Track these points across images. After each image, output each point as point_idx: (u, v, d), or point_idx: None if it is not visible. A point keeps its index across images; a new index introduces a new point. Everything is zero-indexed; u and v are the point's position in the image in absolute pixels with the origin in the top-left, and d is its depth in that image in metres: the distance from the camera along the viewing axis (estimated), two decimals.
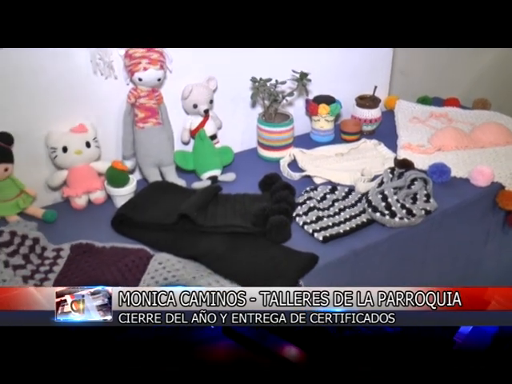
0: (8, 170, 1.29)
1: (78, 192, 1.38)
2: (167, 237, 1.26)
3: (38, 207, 1.37)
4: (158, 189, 1.43)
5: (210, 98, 1.52)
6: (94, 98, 1.39)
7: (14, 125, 1.31)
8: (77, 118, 1.38)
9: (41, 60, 1.27)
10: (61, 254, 1.20)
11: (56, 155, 1.35)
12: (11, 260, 1.13)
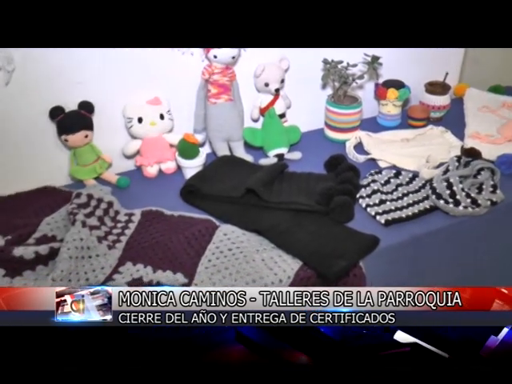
0: (88, 136, 1.33)
1: (150, 161, 1.41)
2: (233, 209, 1.27)
3: (112, 173, 1.41)
4: (226, 163, 1.44)
5: (282, 77, 1.51)
6: (170, 73, 1.40)
7: (95, 95, 1.34)
8: (153, 91, 1.40)
9: None
10: (132, 219, 1.24)
11: (132, 125, 1.38)
12: (88, 220, 1.17)
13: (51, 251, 1.09)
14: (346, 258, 1.10)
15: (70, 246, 1.08)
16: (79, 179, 1.37)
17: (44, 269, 1.08)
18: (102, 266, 1.10)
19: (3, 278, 1.05)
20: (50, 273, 1.06)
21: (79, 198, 1.23)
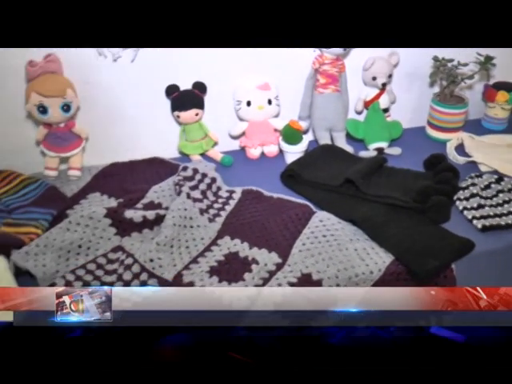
0: (198, 114, 1.37)
1: (254, 143, 1.42)
2: (330, 197, 1.26)
3: (217, 151, 1.44)
4: (327, 151, 1.43)
5: (390, 72, 1.47)
6: (281, 60, 1.40)
7: (208, 77, 1.37)
8: (263, 76, 1.41)
9: None
10: (233, 196, 1.26)
11: (240, 108, 1.40)
12: (192, 193, 1.20)
13: (157, 217, 1.13)
14: (439, 259, 1.06)
15: (174, 215, 1.11)
16: (186, 154, 1.42)
17: (149, 232, 1.12)
18: (202, 236, 1.13)
19: (114, 236, 1.10)
20: (154, 237, 1.10)
21: (185, 171, 1.27)
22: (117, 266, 1.04)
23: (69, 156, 1.31)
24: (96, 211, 1.12)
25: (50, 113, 1.22)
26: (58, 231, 1.08)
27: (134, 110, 1.36)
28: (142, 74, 1.32)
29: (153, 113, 1.39)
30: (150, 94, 1.35)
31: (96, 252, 1.08)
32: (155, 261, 1.03)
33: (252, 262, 1.05)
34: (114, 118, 1.36)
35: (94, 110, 1.34)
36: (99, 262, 1.06)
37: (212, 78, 1.37)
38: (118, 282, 1.01)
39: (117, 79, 1.31)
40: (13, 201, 1.19)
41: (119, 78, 1.31)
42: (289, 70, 1.43)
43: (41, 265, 1.02)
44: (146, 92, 1.35)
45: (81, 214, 1.12)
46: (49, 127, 1.27)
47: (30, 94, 1.20)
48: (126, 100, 1.34)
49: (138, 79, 1.32)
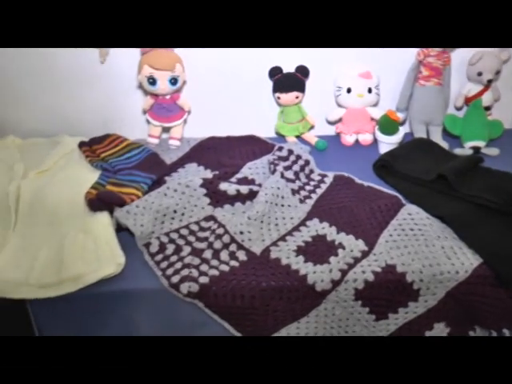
0: (298, 97, 1.36)
1: (350, 130, 1.40)
2: (421, 191, 1.21)
3: (313, 135, 1.42)
4: (421, 145, 1.38)
5: (498, 68, 1.38)
6: (384, 49, 1.36)
7: (311, 61, 1.35)
8: (366, 64, 1.37)
9: None
10: (324, 180, 1.24)
11: (340, 94, 1.38)
12: (285, 173, 1.20)
13: (250, 192, 1.14)
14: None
15: (267, 192, 1.12)
16: (282, 135, 1.41)
17: (241, 206, 1.14)
18: (292, 216, 1.13)
19: (208, 205, 1.13)
20: (245, 211, 1.11)
21: (281, 152, 1.27)
22: (208, 234, 1.07)
23: (171, 126, 1.35)
24: (193, 180, 1.14)
25: (158, 84, 1.25)
26: (157, 195, 1.12)
27: (237, 88, 1.37)
28: (248, 55, 1.32)
29: (254, 92, 1.39)
30: (254, 74, 1.35)
31: (189, 219, 1.11)
32: (245, 234, 1.05)
33: (338, 247, 1.03)
34: (216, 94, 1.39)
35: (199, 86, 1.36)
36: (192, 228, 1.09)
37: (315, 62, 1.35)
38: (208, 249, 1.03)
39: (224, 58, 1.32)
40: (118, 163, 1.24)
41: (226, 57, 1.32)
42: (391, 59, 1.38)
43: (139, 224, 1.06)
44: (250, 72, 1.36)
45: (178, 181, 1.15)
46: (155, 98, 1.31)
47: (142, 66, 1.24)
48: (231, 78, 1.36)
49: (243, 59, 1.33)
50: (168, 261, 1.01)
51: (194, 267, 0.99)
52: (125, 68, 1.30)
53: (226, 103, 1.39)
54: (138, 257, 1.03)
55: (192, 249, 1.03)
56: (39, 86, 1.35)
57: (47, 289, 0.96)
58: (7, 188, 1.16)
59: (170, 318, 1.02)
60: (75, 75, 1.33)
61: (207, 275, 0.97)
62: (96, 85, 1.35)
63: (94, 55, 1.29)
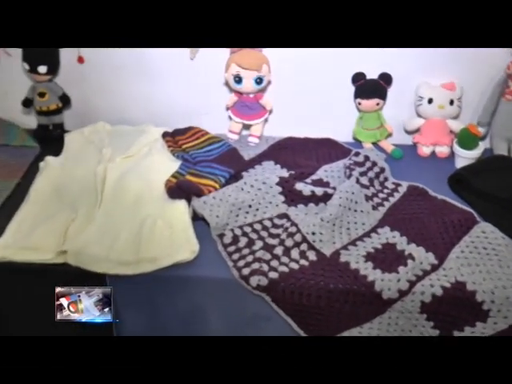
0: (379, 104, 1.34)
1: (428, 141, 1.36)
2: (498, 210, 1.17)
3: (389, 143, 1.40)
4: (501, 162, 1.32)
5: None
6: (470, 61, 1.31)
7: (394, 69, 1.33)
8: (450, 75, 1.33)
9: None
10: (398, 189, 1.22)
11: (421, 104, 1.35)
12: (360, 178, 1.19)
13: (324, 194, 1.14)
14: None
15: (341, 196, 1.11)
16: (359, 140, 1.40)
17: (314, 207, 1.14)
18: (364, 222, 1.12)
19: (282, 203, 1.14)
20: (318, 212, 1.11)
21: (357, 157, 1.26)
22: (280, 232, 1.07)
23: (251, 124, 1.37)
24: (269, 178, 1.16)
25: (243, 83, 1.27)
26: (234, 189, 1.14)
27: (318, 91, 1.37)
28: (332, 59, 1.32)
29: (335, 96, 1.38)
30: (336, 78, 1.35)
31: (263, 214, 1.12)
32: (317, 234, 1.05)
33: (408, 257, 1.01)
34: (297, 96, 1.39)
35: (282, 86, 1.36)
36: (265, 224, 1.10)
37: (397, 70, 1.33)
38: (279, 245, 1.04)
39: (308, 61, 1.32)
40: (198, 155, 1.28)
41: (311, 60, 1.32)
42: (476, 71, 1.33)
43: (215, 215, 1.08)
44: (333, 76, 1.35)
45: (255, 177, 1.17)
46: (239, 96, 1.33)
47: (230, 64, 1.27)
48: (313, 81, 1.35)
49: (327, 63, 1.33)
50: (240, 253, 1.02)
51: (264, 262, 1.00)
52: (213, 65, 1.33)
53: (306, 105, 1.39)
54: (211, 246, 1.05)
55: (264, 244, 1.04)
56: (132, 77, 1.40)
57: (125, 266, 1.00)
58: (95, 169, 1.21)
59: (236, 308, 1.03)
60: (166, 69, 1.37)
61: (277, 271, 0.98)
62: (184, 79, 1.38)
63: (184, 51, 1.33)
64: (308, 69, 1.34)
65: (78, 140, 1.37)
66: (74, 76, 1.41)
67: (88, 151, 1.32)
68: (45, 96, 1.37)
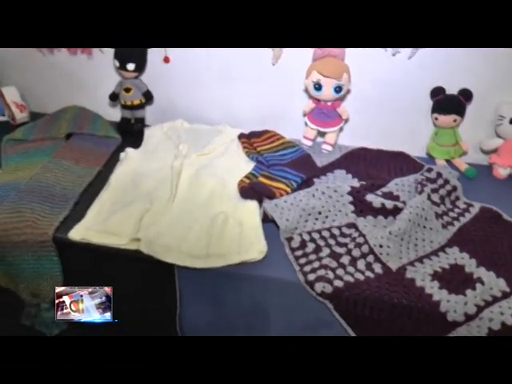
0: (456, 121, 1.31)
1: (505, 163, 1.31)
2: None
3: (463, 161, 1.36)
4: None
5: None
6: None
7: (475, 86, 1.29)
8: None
9: None
10: (470, 210, 1.19)
11: (501, 124, 1.30)
12: (432, 195, 1.17)
13: (394, 208, 1.12)
14: None
15: (412, 211, 1.09)
16: (433, 156, 1.37)
17: (383, 220, 1.13)
18: (432, 239, 1.09)
19: (351, 213, 1.13)
20: (387, 225, 1.10)
21: (429, 173, 1.23)
22: (348, 241, 1.07)
23: (326, 131, 1.36)
24: (341, 186, 1.15)
25: (323, 91, 1.27)
26: (305, 194, 1.14)
27: (395, 103, 1.36)
28: (412, 72, 1.30)
29: (411, 110, 1.37)
30: (415, 91, 1.33)
31: (332, 222, 1.12)
32: (384, 247, 1.03)
33: (477, 281, 0.98)
34: (373, 107, 1.38)
35: (359, 96, 1.36)
36: (333, 231, 1.10)
37: (478, 87, 1.29)
38: (346, 254, 1.04)
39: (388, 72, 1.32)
40: (272, 158, 1.29)
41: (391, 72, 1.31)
42: None
43: (285, 218, 1.09)
44: (411, 89, 1.33)
45: (327, 185, 1.17)
46: (317, 103, 1.33)
47: (311, 71, 1.27)
48: (391, 93, 1.35)
49: (407, 76, 1.31)
50: (307, 258, 1.03)
51: (330, 269, 1.00)
52: (293, 71, 1.34)
53: (381, 116, 1.38)
54: (279, 248, 1.06)
55: (331, 251, 1.04)
56: (214, 79, 1.44)
57: (195, 259, 1.03)
58: (172, 163, 1.25)
59: (298, 311, 1.04)
60: (247, 73, 1.40)
61: (342, 280, 0.98)
62: (263, 83, 1.40)
63: (267, 56, 1.34)
64: (386, 80, 1.33)
65: (157, 135, 1.42)
66: (158, 74, 1.46)
67: (166, 146, 1.37)
68: (130, 91, 1.43)
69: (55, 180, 1.25)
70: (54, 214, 1.15)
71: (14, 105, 1.54)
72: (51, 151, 1.36)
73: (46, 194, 1.20)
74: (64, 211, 1.16)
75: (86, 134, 1.43)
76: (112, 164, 1.33)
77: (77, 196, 1.22)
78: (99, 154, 1.38)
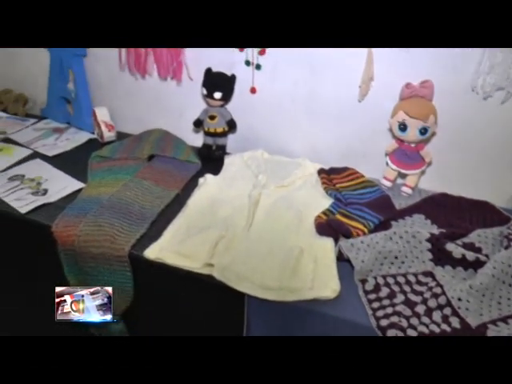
0: None
1: None
2: None
3: None
4: None
5: None
6: None
7: None
8: None
9: None
10: None
11: None
12: None
13: (475, 260, 1.07)
14: None
15: (496, 266, 1.04)
16: None
17: (462, 272, 1.08)
18: None
19: (429, 261, 1.09)
20: (466, 278, 1.05)
21: None
22: (424, 289, 1.03)
23: (408, 173, 1.34)
24: (420, 232, 1.12)
25: (408, 131, 1.25)
26: (383, 237, 1.12)
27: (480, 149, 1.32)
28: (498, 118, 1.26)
29: (496, 157, 1.32)
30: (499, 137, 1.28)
31: (408, 268, 1.09)
32: (463, 301, 0.99)
33: None
34: (458, 151, 1.34)
35: (446, 139, 1.33)
36: (409, 278, 1.07)
37: None
38: (421, 304, 1.00)
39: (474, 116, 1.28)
40: (351, 196, 1.28)
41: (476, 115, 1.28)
42: None
43: (360, 259, 1.07)
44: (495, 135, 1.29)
45: (405, 229, 1.14)
46: (400, 143, 1.31)
47: (397, 111, 1.26)
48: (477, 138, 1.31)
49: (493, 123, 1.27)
50: (380, 302, 1.00)
51: (404, 317, 0.97)
52: (379, 109, 1.33)
53: (464, 162, 1.34)
54: (352, 289, 1.04)
55: (405, 299, 1.01)
56: (298, 113, 1.46)
57: (266, 291, 1.02)
58: (250, 192, 1.27)
59: None
60: (331, 108, 1.41)
61: (416, 330, 0.95)
62: (347, 119, 1.40)
63: (353, 92, 1.34)
64: (475, 124, 1.29)
65: (237, 163, 1.44)
66: (244, 104, 1.50)
67: (245, 175, 1.39)
68: (215, 119, 1.47)
69: (135, 198, 1.30)
70: (132, 231, 1.19)
71: (104, 124, 1.62)
72: (133, 171, 1.42)
73: (126, 211, 1.24)
74: (141, 229, 1.20)
75: (167, 156, 1.48)
76: (190, 188, 1.36)
77: (154, 216, 1.25)
78: (179, 177, 1.42)
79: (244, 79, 1.44)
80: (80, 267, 1.20)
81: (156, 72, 1.55)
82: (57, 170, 1.48)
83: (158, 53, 1.49)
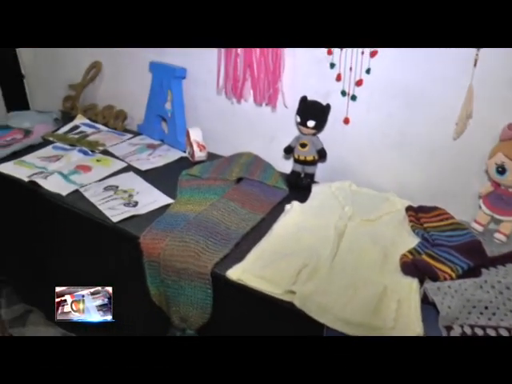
0: None
1: None
2: None
3: None
4: None
5: None
6: None
7: None
8: None
9: None
10: None
11: None
12: None
13: None
14: None
15: None
16: None
17: None
18: None
19: None
20: None
21: None
22: None
23: (502, 220, 1.28)
24: None
25: (506, 175, 1.21)
26: (472, 284, 1.08)
27: None
28: None
29: None
30: None
31: (500, 321, 1.03)
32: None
33: None
34: None
35: None
36: (500, 332, 1.02)
37: None
38: None
39: None
40: (438, 237, 1.24)
41: None
42: None
43: (447, 305, 1.04)
44: None
45: (497, 278, 1.09)
46: (496, 187, 1.27)
47: (496, 152, 1.22)
48: None
49: None
50: None
51: None
52: (475, 149, 1.30)
53: None
54: (434, 334, 1.01)
55: None
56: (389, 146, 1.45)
57: (346, 325, 1.01)
58: (336, 223, 1.27)
59: None
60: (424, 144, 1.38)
61: None
62: (440, 157, 1.37)
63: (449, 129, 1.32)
64: None
65: (325, 192, 1.45)
66: (336, 134, 1.51)
67: (331, 205, 1.39)
68: (306, 147, 1.49)
69: (221, 219, 1.34)
70: (216, 250, 1.23)
71: (196, 144, 1.69)
72: (221, 191, 1.46)
73: (212, 230, 1.28)
74: (225, 249, 1.23)
75: (255, 180, 1.51)
76: (276, 213, 1.38)
77: (239, 237, 1.28)
78: (265, 201, 1.44)
79: (338, 109, 1.46)
80: (162, 279, 1.25)
81: (252, 97, 1.59)
82: (148, 184, 1.56)
83: (255, 79, 1.54)
